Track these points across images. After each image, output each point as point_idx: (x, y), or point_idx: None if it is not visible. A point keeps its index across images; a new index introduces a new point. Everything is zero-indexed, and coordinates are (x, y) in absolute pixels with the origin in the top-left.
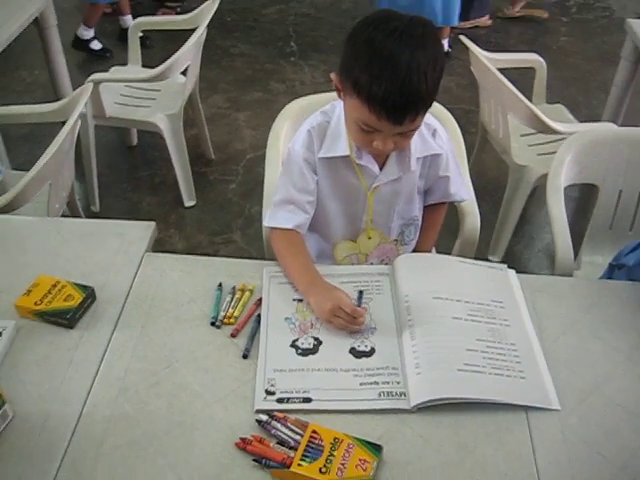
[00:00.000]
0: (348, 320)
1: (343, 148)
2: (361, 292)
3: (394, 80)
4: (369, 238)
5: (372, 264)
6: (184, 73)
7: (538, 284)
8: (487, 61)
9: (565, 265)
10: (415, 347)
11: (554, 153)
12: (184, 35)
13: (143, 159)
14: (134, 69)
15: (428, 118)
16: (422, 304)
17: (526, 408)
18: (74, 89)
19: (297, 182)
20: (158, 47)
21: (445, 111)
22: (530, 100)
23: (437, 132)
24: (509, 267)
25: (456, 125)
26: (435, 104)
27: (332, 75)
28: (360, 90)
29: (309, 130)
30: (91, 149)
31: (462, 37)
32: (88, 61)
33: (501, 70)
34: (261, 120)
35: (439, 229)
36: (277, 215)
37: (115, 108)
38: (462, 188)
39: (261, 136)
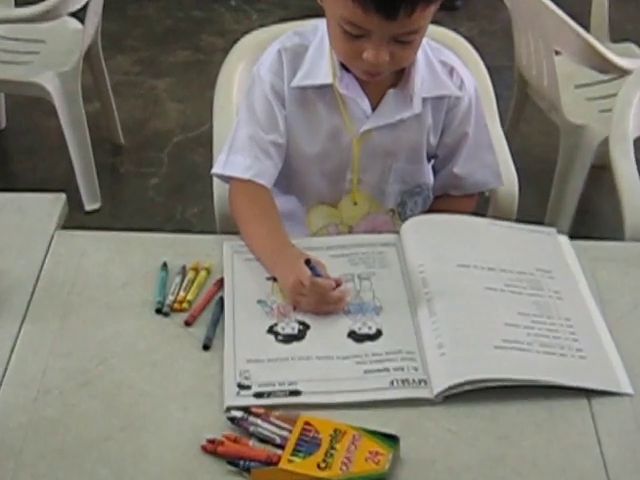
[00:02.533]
0: (315, 298)
1: (325, 74)
2: (308, 261)
3: None
4: (355, 204)
5: None
6: (78, 18)
7: (598, 251)
8: None
9: (636, 228)
10: (436, 324)
11: None
12: None
13: (16, 147)
14: (5, 11)
15: (446, 54)
16: (443, 273)
17: (587, 392)
18: None
19: (261, 116)
20: None
21: (471, 49)
22: None
23: (456, 71)
24: (559, 232)
25: (485, 72)
26: (460, 41)
27: None
28: None
29: (279, 51)
30: None
31: None
32: None
33: None
34: (191, 89)
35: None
36: (232, 160)
37: None
38: (491, 171)
39: (192, 111)
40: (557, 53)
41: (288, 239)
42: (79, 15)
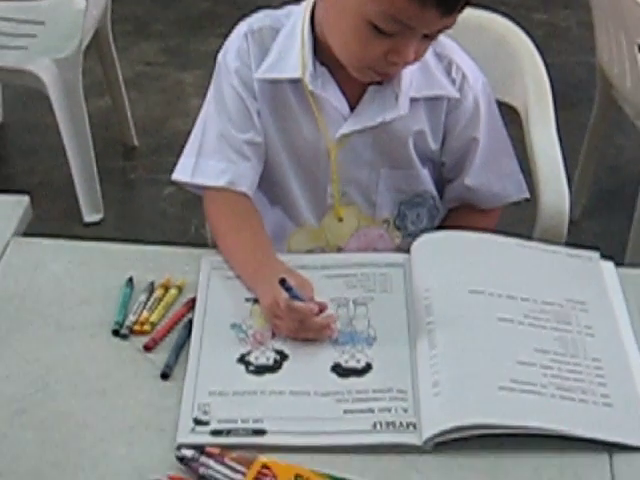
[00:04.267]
0: (293, 323)
1: (292, 67)
2: (283, 280)
3: None
4: (340, 220)
5: None
6: None
7: None
8: None
9: None
10: (435, 359)
11: None
12: None
13: (13, 146)
14: None
15: (444, 44)
16: (451, 300)
17: (609, 447)
18: None
19: (232, 112)
20: None
21: (524, 37)
22: None
23: (455, 65)
24: (604, 257)
25: (541, 69)
26: (506, 25)
27: None
28: None
29: (246, 34)
30: None
31: None
32: None
33: None
34: None
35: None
36: (203, 165)
37: None
38: (511, 181)
39: None
40: None
41: (272, 252)
42: None
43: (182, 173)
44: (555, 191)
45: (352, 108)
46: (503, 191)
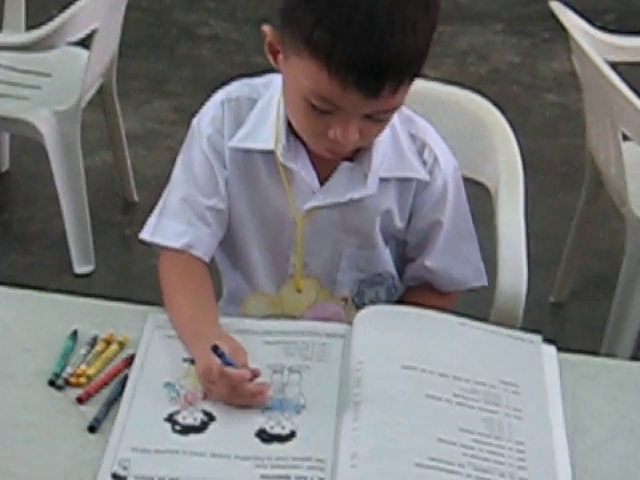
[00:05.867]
0: (226, 389)
1: (266, 138)
2: (216, 347)
3: (369, 28)
4: (298, 291)
5: None
6: (87, 46)
7: (589, 368)
8: (590, 45)
9: None
10: (357, 431)
11: None
12: None
13: (15, 194)
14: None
15: (418, 126)
16: (382, 374)
17: None
18: None
19: (199, 177)
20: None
21: (498, 115)
22: None
23: (428, 147)
24: (547, 340)
25: (515, 151)
26: (481, 104)
27: (266, 28)
28: (316, 46)
29: (223, 102)
30: None
31: (554, 3)
32: None
33: (622, 65)
34: None
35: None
36: (163, 226)
37: None
38: (471, 267)
39: None
40: (626, 138)
41: (215, 317)
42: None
43: (145, 232)
44: (514, 273)
45: (322, 183)
46: (462, 276)
